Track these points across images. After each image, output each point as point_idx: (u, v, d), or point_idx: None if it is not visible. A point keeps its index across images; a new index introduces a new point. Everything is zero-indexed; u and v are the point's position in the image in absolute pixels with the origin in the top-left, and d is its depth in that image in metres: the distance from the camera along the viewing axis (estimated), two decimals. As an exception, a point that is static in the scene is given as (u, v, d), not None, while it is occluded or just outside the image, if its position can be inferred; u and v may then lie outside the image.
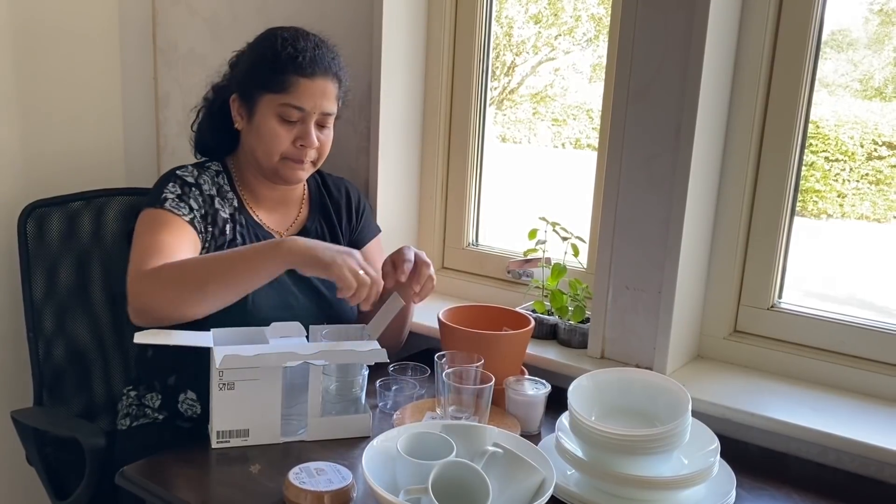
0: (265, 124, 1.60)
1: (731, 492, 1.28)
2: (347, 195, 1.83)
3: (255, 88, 1.61)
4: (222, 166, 1.71)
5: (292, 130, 1.60)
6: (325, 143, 1.65)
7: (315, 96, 1.59)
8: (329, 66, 1.62)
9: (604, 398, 1.37)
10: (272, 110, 1.59)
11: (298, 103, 1.58)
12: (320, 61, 1.60)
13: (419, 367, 1.66)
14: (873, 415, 1.49)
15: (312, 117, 1.60)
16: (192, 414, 1.64)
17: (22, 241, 1.89)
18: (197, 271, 1.44)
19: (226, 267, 1.44)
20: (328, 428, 1.45)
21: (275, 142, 1.60)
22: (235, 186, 1.70)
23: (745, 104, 1.61)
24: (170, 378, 1.66)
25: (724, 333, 1.71)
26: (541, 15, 2.82)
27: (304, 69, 1.58)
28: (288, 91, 1.58)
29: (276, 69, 1.58)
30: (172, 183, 1.61)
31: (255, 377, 1.39)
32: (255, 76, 1.62)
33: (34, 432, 1.81)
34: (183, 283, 1.44)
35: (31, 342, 1.90)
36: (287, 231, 1.73)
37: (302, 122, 1.60)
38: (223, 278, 1.43)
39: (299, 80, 1.58)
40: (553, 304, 1.81)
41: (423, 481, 1.12)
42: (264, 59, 1.61)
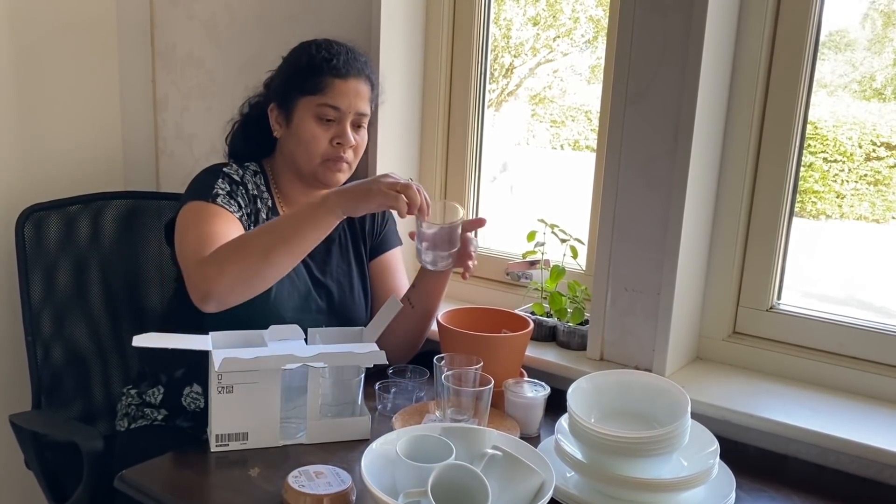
0: (303, 126, 1.64)
1: (730, 494, 1.27)
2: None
3: (293, 93, 1.65)
4: (259, 167, 1.74)
5: (329, 131, 1.64)
6: (360, 143, 1.68)
7: (349, 96, 1.63)
8: (362, 68, 1.67)
9: (603, 400, 1.37)
10: (310, 112, 1.63)
11: (334, 103, 1.62)
12: (354, 63, 1.65)
13: (418, 370, 1.66)
14: (873, 416, 1.49)
15: (348, 117, 1.64)
16: (196, 408, 1.66)
17: (20, 245, 1.89)
18: (256, 242, 1.46)
19: (286, 230, 1.46)
20: (327, 431, 1.44)
21: (314, 142, 1.63)
22: (271, 188, 1.72)
23: (744, 105, 1.61)
24: (178, 371, 1.68)
25: (723, 335, 1.71)
26: (539, 17, 2.82)
27: (338, 70, 1.63)
28: (324, 91, 1.62)
29: (312, 72, 1.64)
30: (221, 179, 1.63)
31: (254, 380, 1.39)
32: (292, 82, 1.67)
33: (32, 436, 1.80)
34: (245, 258, 1.44)
35: (30, 346, 1.90)
36: None
37: (338, 122, 1.64)
38: (285, 242, 1.44)
39: (334, 81, 1.62)
40: (552, 306, 1.81)
41: (423, 484, 1.11)
42: (300, 65, 1.67)
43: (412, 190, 1.42)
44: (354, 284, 1.76)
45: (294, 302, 1.64)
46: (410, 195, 1.41)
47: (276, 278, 1.48)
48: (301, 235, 1.45)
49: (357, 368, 1.48)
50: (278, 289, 1.59)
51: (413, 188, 1.42)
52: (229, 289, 1.44)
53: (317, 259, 1.71)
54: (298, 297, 1.65)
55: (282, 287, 1.60)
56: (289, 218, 1.49)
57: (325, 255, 1.73)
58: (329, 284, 1.71)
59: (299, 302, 1.65)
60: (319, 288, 1.70)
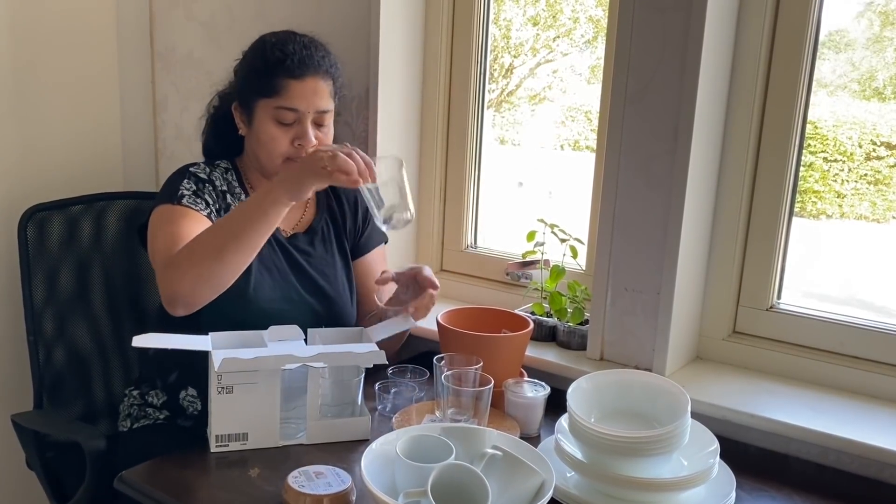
0: (263, 129, 1.63)
1: (730, 493, 1.27)
2: (355, 198, 1.83)
3: (251, 95, 1.65)
4: (231, 164, 1.74)
5: (289, 132, 1.62)
6: (323, 141, 1.66)
7: (307, 96, 1.61)
8: (319, 64, 1.63)
9: (603, 400, 1.36)
10: (268, 114, 1.62)
11: (291, 105, 1.60)
12: (309, 61, 1.62)
13: (418, 370, 1.66)
14: (873, 415, 1.49)
15: (308, 117, 1.62)
16: (194, 410, 1.66)
17: (22, 245, 1.89)
18: (209, 242, 1.45)
19: (235, 227, 1.45)
20: (327, 431, 1.44)
21: (273, 144, 1.63)
22: (244, 183, 1.72)
23: (743, 105, 1.61)
24: (171, 375, 1.68)
25: (723, 334, 1.71)
26: (539, 17, 2.82)
27: (292, 71, 1.60)
28: (280, 94, 1.60)
29: (267, 74, 1.62)
30: (187, 179, 1.63)
31: (254, 381, 1.39)
32: (249, 83, 1.66)
33: (34, 436, 1.81)
34: (202, 259, 1.44)
35: (32, 346, 1.90)
36: (293, 230, 1.74)
37: (298, 122, 1.62)
38: (235, 239, 1.44)
39: (289, 83, 1.60)
40: (552, 305, 1.81)
41: (423, 484, 1.11)
42: (255, 66, 1.65)
43: (339, 159, 1.37)
44: (338, 275, 1.75)
45: (276, 293, 1.63)
46: (340, 164, 1.37)
47: (234, 274, 1.46)
48: (250, 230, 1.44)
49: (357, 368, 1.48)
50: (258, 280, 1.60)
51: (340, 157, 1.37)
52: (191, 291, 1.44)
53: (301, 250, 1.71)
54: (280, 288, 1.64)
55: (262, 279, 1.61)
56: (237, 213, 1.48)
57: (307, 246, 1.73)
58: (313, 275, 1.70)
59: (281, 293, 1.64)
60: (303, 278, 1.69)
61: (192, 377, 1.65)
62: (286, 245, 1.70)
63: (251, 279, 1.60)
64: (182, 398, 1.67)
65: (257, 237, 1.45)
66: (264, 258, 1.64)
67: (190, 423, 1.67)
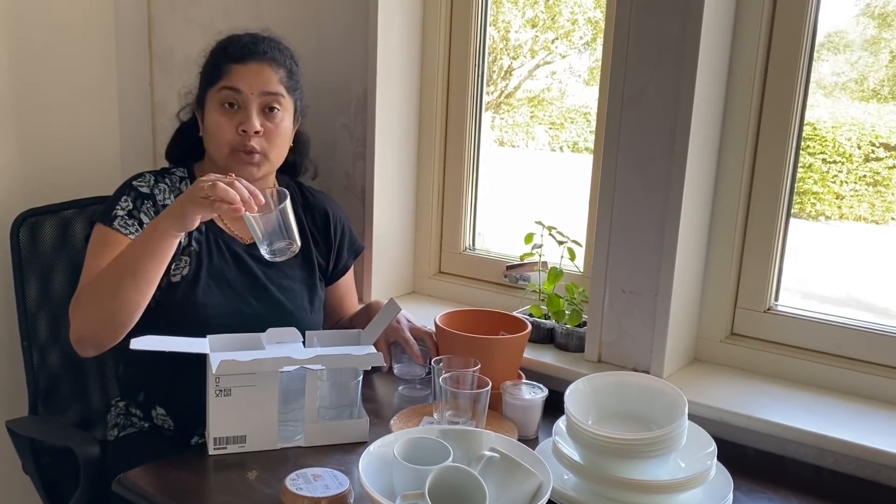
0: (210, 117, 1.63)
1: (728, 495, 1.27)
2: (325, 217, 1.80)
3: (202, 90, 1.67)
4: (188, 172, 1.71)
5: (234, 118, 1.60)
6: (272, 131, 1.62)
7: (249, 77, 1.60)
8: (264, 51, 1.63)
9: (601, 402, 1.37)
10: (214, 101, 1.62)
11: (232, 84, 1.60)
12: (253, 47, 1.63)
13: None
14: (870, 417, 1.49)
15: (252, 101, 1.60)
16: (168, 427, 1.65)
17: (15, 250, 1.88)
18: (106, 280, 1.45)
19: (128, 264, 1.43)
20: (325, 433, 1.44)
21: (219, 131, 1.61)
22: None
23: (740, 107, 1.61)
24: (139, 395, 1.67)
25: (720, 336, 1.71)
26: (537, 19, 2.82)
27: (234, 56, 1.62)
28: (222, 77, 1.61)
29: (212, 64, 1.65)
30: (125, 196, 1.61)
31: (252, 383, 1.39)
32: (201, 81, 1.69)
33: (29, 442, 1.80)
34: (99, 300, 1.45)
35: (26, 351, 1.89)
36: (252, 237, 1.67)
37: (243, 107, 1.60)
38: (130, 276, 1.42)
39: (231, 66, 1.61)
40: (550, 308, 1.81)
41: (420, 486, 1.12)
42: (205, 64, 1.69)
43: (219, 188, 1.32)
44: (298, 287, 1.70)
45: (226, 307, 1.59)
46: (220, 194, 1.32)
47: (135, 311, 1.45)
48: (143, 266, 1.42)
49: (355, 371, 1.48)
50: (206, 295, 1.57)
51: (220, 186, 1.33)
52: (94, 332, 1.47)
53: (258, 259, 1.65)
54: (230, 302, 1.61)
55: (210, 293, 1.58)
56: (130, 249, 1.45)
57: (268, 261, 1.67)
58: (269, 287, 1.66)
59: (231, 307, 1.60)
60: (258, 290, 1.65)
61: (160, 397, 1.64)
62: (242, 254, 1.66)
63: (198, 293, 1.57)
64: (154, 417, 1.65)
65: (151, 272, 1.43)
66: (213, 270, 1.61)
67: (172, 434, 1.65)
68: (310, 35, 2.03)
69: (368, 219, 1.99)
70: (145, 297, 1.46)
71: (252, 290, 1.65)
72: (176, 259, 1.59)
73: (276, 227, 1.40)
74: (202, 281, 1.59)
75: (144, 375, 1.66)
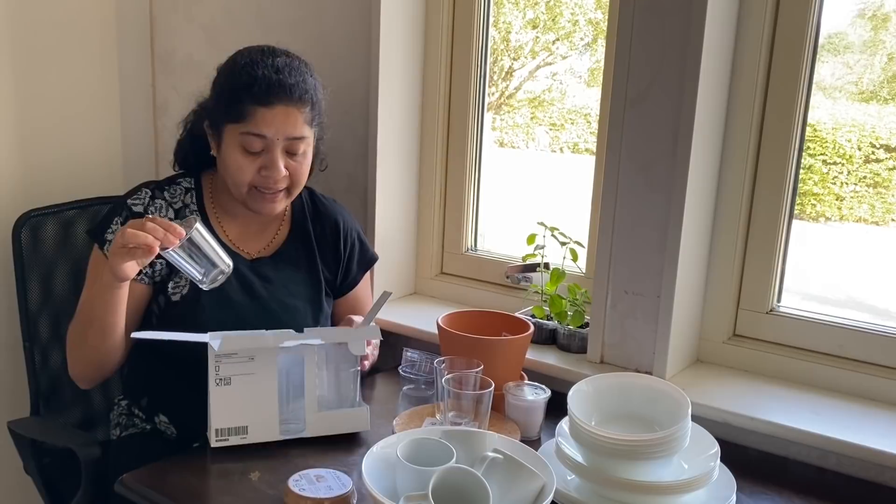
0: (230, 156, 1.53)
1: (731, 496, 1.27)
2: (335, 228, 1.74)
3: (219, 117, 1.55)
4: (195, 182, 1.66)
5: (256, 161, 1.52)
6: (296, 170, 1.55)
7: (275, 123, 1.49)
8: (291, 90, 1.50)
9: (603, 403, 1.37)
10: (234, 140, 1.52)
11: (258, 131, 1.49)
12: (278, 88, 1.49)
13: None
14: (873, 418, 1.49)
15: (277, 145, 1.51)
16: (171, 434, 1.64)
17: (17, 250, 1.88)
18: (76, 329, 1.53)
19: (87, 313, 1.51)
20: (327, 423, 1.45)
21: (239, 173, 1.53)
22: (204, 204, 1.64)
23: (743, 108, 1.61)
24: (142, 399, 1.68)
25: (723, 337, 1.71)
26: (538, 20, 2.82)
27: (259, 98, 1.48)
28: (246, 120, 1.49)
29: (234, 99, 1.51)
30: (117, 217, 1.57)
31: (251, 371, 1.39)
32: (218, 105, 1.56)
33: (31, 442, 1.80)
34: (76, 344, 1.55)
35: (28, 351, 1.89)
36: (258, 253, 1.66)
37: (267, 150, 1.52)
38: (90, 324, 1.49)
39: (256, 109, 1.49)
40: (552, 309, 1.81)
41: (423, 488, 1.11)
42: (224, 88, 1.55)
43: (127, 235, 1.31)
44: (300, 305, 1.65)
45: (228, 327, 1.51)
46: (129, 239, 1.30)
47: (107, 355, 1.52)
48: (97, 316, 1.47)
49: (353, 361, 1.48)
50: (206, 314, 1.55)
51: (128, 234, 1.31)
52: (82, 373, 1.58)
53: (262, 276, 1.63)
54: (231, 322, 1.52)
55: (212, 312, 1.56)
56: (85, 299, 1.52)
57: (271, 272, 1.65)
58: (271, 306, 1.62)
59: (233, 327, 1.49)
60: (259, 309, 1.61)
61: (163, 404, 1.64)
62: (245, 272, 1.62)
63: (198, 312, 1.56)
64: (157, 423, 1.65)
65: (107, 320, 1.47)
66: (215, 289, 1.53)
67: (174, 438, 1.64)
68: (312, 36, 2.03)
69: (370, 220, 1.99)
70: (111, 341, 1.50)
71: (254, 309, 1.60)
72: (175, 276, 1.58)
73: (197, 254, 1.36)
74: (203, 300, 1.56)
75: (147, 381, 1.66)
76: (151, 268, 1.57)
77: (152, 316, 1.60)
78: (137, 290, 1.56)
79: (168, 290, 1.58)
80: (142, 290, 1.58)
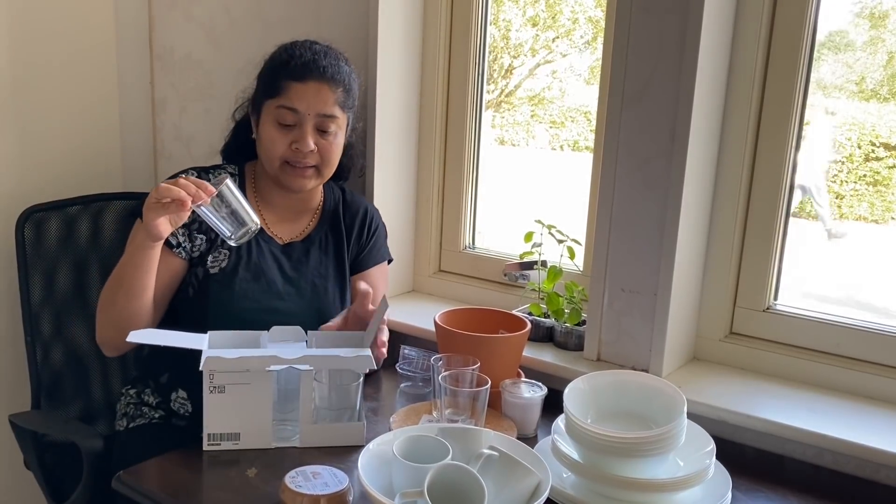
0: (265, 130, 1.64)
1: (726, 494, 1.28)
2: (365, 213, 1.83)
3: (259, 97, 1.66)
4: (238, 170, 1.75)
5: (288, 135, 1.62)
6: (326, 148, 1.64)
7: (307, 98, 1.60)
8: (324, 70, 1.62)
9: (600, 401, 1.37)
10: (270, 115, 1.63)
11: (291, 104, 1.60)
12: (312, 65, 1.61)
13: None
14: (870, 416, 1.49)
15: (308, 120, 1.61)
16: (185, 412, 1.67)
17: (20, 246, 1.89)
18: (107, 291, 1.55)
19: (119, 274, 1.52)
20: (321, 435, 1.44)
21: (272, 146, 1.62)
22: (245, 190, 1.72)
23: (741, 106, 1.61)
24: (162, 376, 1.69)
25: (719, 335, 1.71)
26: (538, 18, 2.83)
27: (294, 73, 1.61)
28: (281, 94, 1.61)
29: (272, 75, 1.64)
30: None
31: (246, 381, 1.39)
32: (259, 86, 1.68)
33: (32, 436, 1.81)
34: (105, 308, 1.55)
35: (29, 346, 1.90)
36: (290, 238, 1.74)
37: (298, 125, 1.61)
38: (120, 286, 1.51)
39: (290, 84, 1.60)
40: (549, 306, 1.81)
41: (419, 485, 1.12)
42: (264, 70, 1.68)
43: (161, 189, 1.37)
44: (329, 287, 1.73)
45: (261, 302, 1.64)
46: (163, 193, 1.37)
47: (133, 319, 1.52)
48: (129, 277, 1.50)
49: (356, 373, 1.48)
50: (242, 289, 1.62)
51: (161, 188, 1.37)
52: (109, 337, 1.58)
53: (293, 258, 1.71)
54: (265, 298, 1.65)
55: (247, 287, 1.63)
56: (121, 262, 1.53)
57: (302, 255, 1.72)
58: (302, 286, 1.70)
59: (266, 303, 1.65)
60: (291, 287, 1.69)
61: (183, 379, 1.65)
62: (279, 255, 1.70)
63: (235, 285, 1.62)
64: (173, 400, 1.68)
65: (138, 283, 1.50)
66: (252, 265, 1.65)
67: (184, 423, 1.67)
68: (309, 32, 2.02)
69: (368, 217, 1.99)
70: (140, 305, 1.52)
71: (287, 288, 1.68)
72: (215, 251, 1.64)
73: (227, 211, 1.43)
74: (240, 274, 1.63)
75: (172, 356, 1.65)
76: (191, 242, 1.64)
77: (188, 288, 1.64)
78: (174, 264, 1.62)
79: (207, 263, 1.64)
80: (178, 264, 1.63)
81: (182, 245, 1.62)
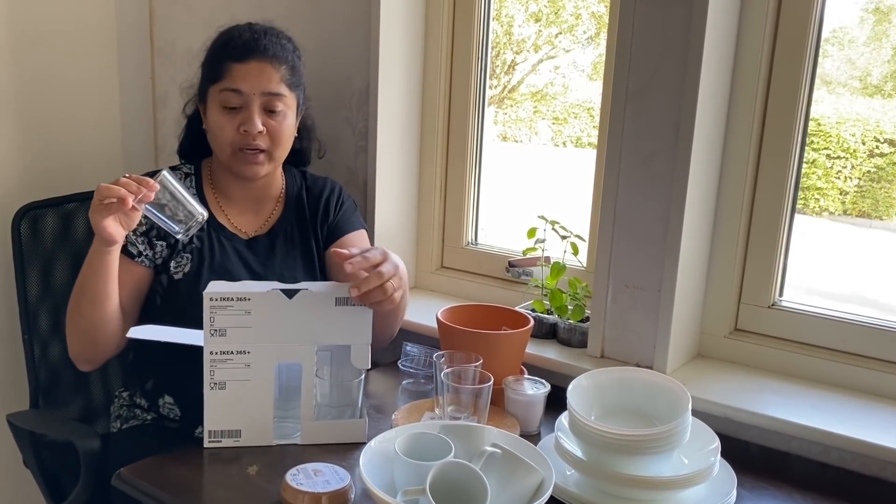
0: (212, 116, 1.62)
1: (731, 491, 1.27)
2: (330, 191, 1.78)
3: (204, 85, 1.65)
4: (195, 169, 1.72)
5: (236, 118, 1.59)
6: (275, 129, 1.61)
7: (251, 78, 1.58)
8: (265, 48, 1.60)
9: (603, 398, 1.36)
10: (215, 100, 1.61)
11: (234, 86, 1.58)
12: (254, 44, 1.59)
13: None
14: (875, 413, 1.48)
15: (254, 100, 1.58)
16: (174, 416, 1.65)
17: (16, 243, 1.88)
18: (71, 304, 1.53)
19: (79, 284, 1.50)
20: (322, 432, 1.43)
21: (221, 132, 1.60)
22: (203, 188, 1.70)
23: (745, 101, 1.60)
24: (147, 382, 1.68)
25: (724, 332, 1.70)
26: (541, 13, 2.82)
27: (235, 54, 1.59)
28: (224, 77, 1.59)
29: (214, 60, 1.62)
30: None
31: (248, 377, 1.38)
32: (203, 74, 1.66)
33: (30, 435, 1.80)
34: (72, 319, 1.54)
35: (27, 344, 1.89)
36: (255, 232, 1.71)
37: (245, 107, 1.59)
38: (82, 295, 1.50)
39: (232, 65, 1.58)
40: (552, 303, 1.80)
41: (421, 482, 1.11)
42: (206, 57, 1.66)
43: (101, 190, 1.34)
44: (298, 278, 1.66)
45: None
46: (104, 194, 1.34)
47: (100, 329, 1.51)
48: (91, 283, 1.48)
49: (357, 370, 1.47)
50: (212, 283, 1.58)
51: (101, 189, 1.34)
52: (78, 351, 1.57)
53: (259, 253, 1.68)
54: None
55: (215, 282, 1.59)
56: (81, 271, 1.50)
57: (267, 249, 1.70)
58: (270, 279, 1.62)
59: None
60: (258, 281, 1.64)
61: (169, 385, 1.64)
62: (243, 250, 1.68)
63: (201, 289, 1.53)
64: (161, 405, 1.66)
65: (99, 290, 1.48)
66: (216, 266, 1.63)
67: (176, 426, 1.65)
68: (311, 28, 2.02)
69: (370, 213, 1.98)
70: (104, 313, 1.50)
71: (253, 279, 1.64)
72: (177, 256, 1.62)
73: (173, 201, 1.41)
74: (204, 276, 1.60)
75: (155, 363, 1.66)
76: (152, 249, 1.61)
77: (156, 296, 1.63)
78: (138, 273, 1.60)
79: (170, 270, 1.62)
80: (142, 273, 1.61)
81: (144, 254, 1.61)
